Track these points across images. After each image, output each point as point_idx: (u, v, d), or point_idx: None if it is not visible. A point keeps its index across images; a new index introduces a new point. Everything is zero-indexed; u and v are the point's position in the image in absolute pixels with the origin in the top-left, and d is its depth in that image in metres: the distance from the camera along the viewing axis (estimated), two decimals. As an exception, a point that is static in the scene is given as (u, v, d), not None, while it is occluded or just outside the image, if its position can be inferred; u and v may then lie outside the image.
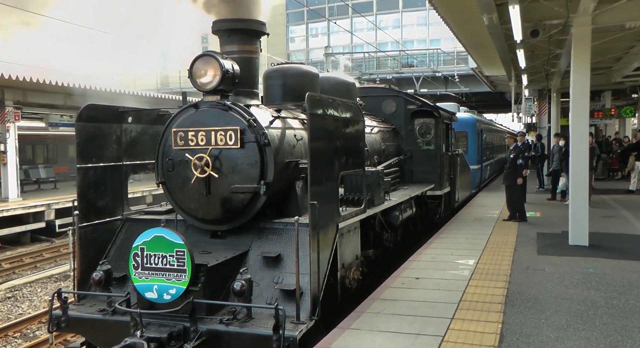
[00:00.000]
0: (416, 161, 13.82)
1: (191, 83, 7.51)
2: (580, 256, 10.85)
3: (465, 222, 15.10)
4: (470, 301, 7.91)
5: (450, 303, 7.79)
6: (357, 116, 8.24)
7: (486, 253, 11.06)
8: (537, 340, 6.50)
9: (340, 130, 7.54)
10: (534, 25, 14.87)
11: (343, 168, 7.61)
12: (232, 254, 7.18)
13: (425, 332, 6.70)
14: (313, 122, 6.68)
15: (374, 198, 8.96)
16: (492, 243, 12.13)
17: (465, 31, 19.81)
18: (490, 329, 6.81)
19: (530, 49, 18.95)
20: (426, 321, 7.08)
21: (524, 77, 25.09)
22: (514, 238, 12.68)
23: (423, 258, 10.60)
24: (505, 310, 7.54)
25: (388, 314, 7.35)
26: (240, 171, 7.39)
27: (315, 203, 6.55)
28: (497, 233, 13.31)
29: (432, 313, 7.39)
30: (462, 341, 6.43)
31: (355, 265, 8.18)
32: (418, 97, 14.40)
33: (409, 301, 7.89)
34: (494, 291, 8.38)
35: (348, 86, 10.97)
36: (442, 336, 6.58)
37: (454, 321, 7.09)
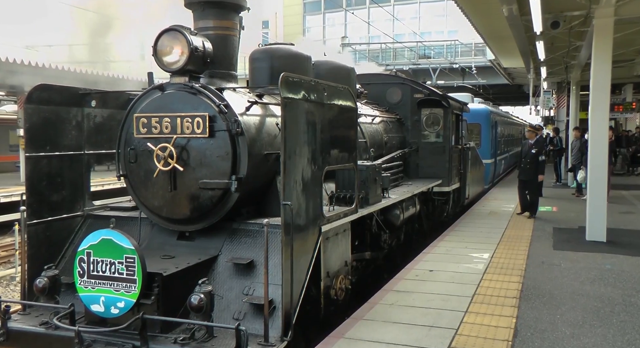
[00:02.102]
0: (422, 154, 12.40)
1: (156, 62, 6.35)
2: (598, 252, 10.49)
3: (480, 216, 14.65)
4: (484, 295, 7.68)
5: (464, 297, 7.55)
6: (348, 102, 6.99)
7: (501, 247, 10.75)
8: (552, 336, 6.28)
9: (326, 118, 6.30)
10: (555, 16, 14.42)
11: (329, 162, 6.40)
12: (198, 260, 6.02)
13: (439, 325, 6.51)
14: (288, 109, 5.45)
15: (369, 196, 7.73)
16: (507, 237, 11.78)
17: (484, 22, 19.11)
18: (504, 323, 6.59)
19: (550, 40, 18.27)
20: (440, 313, 6.88)
21: (542, 69, 24.01)
22: (530, 233, 12.29)
23: (437, 250, 10.32)
24: (520, 304, 7.30)
25: (401, 306, 7.14)
26: (209, 164, 6.20)
27: (289, 203, 5.37)
28: (513, 227, 12.94)
29: (446, 306, 7.18)
30: (475, 334, 6.23)
31: (344, 273, 6.96)
32: (426, 85, 13.01)
33: (422, 293, 7.67)
34: (508, 285, 8.13)
35: (347, 71, 9.69)
36: (456, 329, 6.38)
37: (467, 314, 6.88)
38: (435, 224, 12.76)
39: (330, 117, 6.43)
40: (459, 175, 13.63)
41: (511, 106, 56.00)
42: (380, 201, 8.23)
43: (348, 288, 7.03)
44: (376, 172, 7.89)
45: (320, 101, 6.17)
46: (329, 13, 55.76)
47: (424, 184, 11.16)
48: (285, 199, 5.37)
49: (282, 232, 5.34)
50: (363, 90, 10.60)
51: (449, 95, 13.28)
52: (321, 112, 6.19)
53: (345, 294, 6.94)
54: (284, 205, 5.34)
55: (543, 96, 29.67)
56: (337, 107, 6.65)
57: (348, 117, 7.00)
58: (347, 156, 6.95)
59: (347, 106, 6.97)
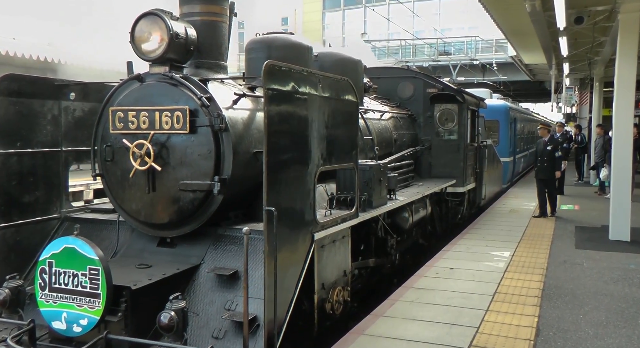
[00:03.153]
0: (435, 152, 11.46)
1: (133, 50, 5.61)
2: (621, 252, 10.17)
3: (501, 214, 14.27)
4: (505, 293, 7.47)
5: (485, 295, 7.36)
6: (348, 95, 6.19)
7: (522, 245, 10.48)
8: (575, 336, 6.09)
9: (321, 112, 5.51)
10: (579, 11, 13.92)
11: (324, 162, 5.62)
12: (176, 270, 5.28)
13: (460, 323, 6.33)
14: (272, 101, 4.68)
15: (373, 198, 6.92)
16: (528, 235, 11.48)
17: (506, 18, 18.30)
18: (526, 322, 6.41)
19: (573, 36, 17.73)
20: (461, 311, 6.70)
21: (565, 65, 23.26)
22: (551, 231, 11.98)
23: (457, 248, 10.05)
24: (542, 303, 7.10)
25: (422, 303, 6.98)
26: (190, 164, 5.43)
27: (272, 209, 4.60)
28: (534, 226, 12.60)
29: (467, 304, 6.99)
30: (497, 333, 6.06)
31: (342, 284, 6.18)
32: (440, 79, 12.10)
33: (443, 291, 7.48)
34: (530, 284, 7.91)
35: (354, 64, 8.87)
36: (477, 327, 6.20)
37: (488, 313, 6.70)
38: (449, 226, 11.89)
39: (326, 112, 5.63)
40: (475, 175, 12.68)
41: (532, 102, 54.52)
42: (386, 204, 7.41)
43: (347, 300, 6.24)
44: (381, 172, 7.08)
45: (313, 94, 5.38)
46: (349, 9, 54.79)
47: (436, 185, 10.28)
48: (269, 204, 4.59)
49: (265, 242, 4.59)
50: (372, 84, 9.79)
51: (464, 90, 12.35)
52: (315, 106, 5.40)
53: (344, 307, 6.15)
54: (266, 211, 4.58)
55: (565, 92, 28.63)
56: (334, 100, 5.85)
57: (348, 111, 6.20)
58: (346, 154, 6.15)
59: (347, 99, 6.16)
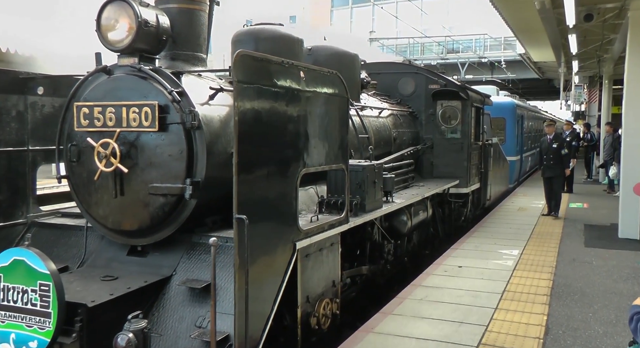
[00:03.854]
0: (438, 151, 10.74)
1: (99, 40, 5.01)
2: (631, 250, 9.95)
3: (509, 212, 13.96)
4: (514, 291, 7.31)
5: (494, 293, 7.20)
6: (337, 90, 5.54)
7: (531, 243, 10.26)
8: (585, 334, 5.95)
9: (304, 109, 4.89)
10: (588, 9, 13.79)
11: (307, 163, 4.99)
12: (144, 282, 4.68)
13: (469, 321, 6.19)
14: (244, 96, 4.07)
15: (366, 202, 6.28)
16: (537, 233, 11.24)
17: (515, 15, 17.79)
18: (535, 321, 6.27)
19: (582, 34, 17.46)
20: (470, 310, 6.56)
21: (574, 63, 22.75)
22: (560, 229, 11.72)
23: (466, 246, 9.84)
24: (551, 302, 6.96)
25: (431, 301, 6.82)
26: (160, 165, 4.81)
27: (244, 217, 3.99)
28: (542, 224, 12.34)
29: (476, 302, 6.85)
30: (506, 331, 5.93)
31: (330, 296, 5.56)
32: (443, 75, 11.37)
33: (451, 289, 7.32)
34: (539, 282, 7.75)
35: (350, 58, 8.22)
36: (486, 325, 6.07)
37: (497, 311, 6.55)
38: (453, 229, 11.19)
39: (311, 108, 5.01)
40: (479, 174, 11.93)
41: (541, 100, 53.53)
42: (381, 207, 6.76)
43: (335, 313, 5.61)
44: (375, 173, 6.43)
45: (296, 88, 4.76)
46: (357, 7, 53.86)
47: (438, 186, 9.60)
48: (240, 211, 3.99)
49: (234, 253, 3.98)
50: (370, 80, 9.15)
51: (468, 86, 11.61)
52: (297, 102, 4.78)
53: (332, 321, 5.52)
54: (236, 219, 3.97)
55: (574, 90, 27.94)
56: (321, 96, 5.21)
57: (336, 108, 5.55)
58: (335, 155, 5.52)
59: (336, 94, 5.51)
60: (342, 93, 5.63)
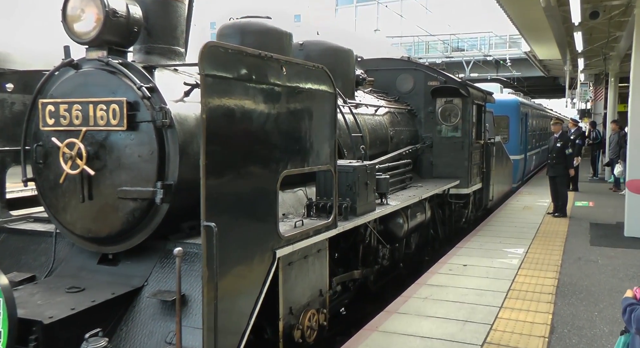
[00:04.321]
0: (438, 150, 10.21)
1: (65, 31, 4.60)
2: (637, 249, 9.73)
3: (514, 210, 13.65)
4: (519, 290, 7.17)
5: (499, 292, 7.07)
6: (323, 85, 5.07)
7: (536, 242, 10.05)
8: (590, 333, 5.83)
9: (285, 106, 4.46)
10: (594, 6, 13.75)
11: (289, 165, 4.56)
12: (110, 295, 4.26)
13: (474, 319, 6.07)
14: (213, 91, 3.64)
15: (358, 204, 5.82)
16: (542, 232, 11.01)
17: (520, 13, 17.65)
18: (540, 319, 6.14)
19: (588, 31, 17.42)
20: (474, 308, 6.43)
21: (580, 61, 22.37)
22: (566, 228, 11.48)
23: (471, 245, 9.64)
24: (556, 301, 6.82)
25: (435, 300, 6.70)
26: (130, 167, 4.38)
27: (213, 224, 3.57)
28: (548, 222, 12.08)
29: (480, 300, 6.72)
30: (511, 330, 5.80)
31: (317, 306, 5.12)
32: (443, 72, 10.83)
33: (456, 287, 7.19)
34: (544, 281, 7.59)
35: (344, 54, 7.75)
36: (491, 324, 5.94)
37: (502, 310, 6.42)
38: (453, 231, 10.71)
39: (293, 105, 4.58)
40: (481, 174, 11.42)
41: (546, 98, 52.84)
42: (374, 210, 6.30)
43: (323, 325, 5.18)
44: (367, 174, 5.97)
45: (275, 83, 4.33)
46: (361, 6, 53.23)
47: (437, 186, 9.11)
48: (208, 217, 3.57)
49: (202, 265, 3.57)
50: (366, 76, 8.70)
51: (469, 83, 11.08)
52: (277, 98, 4.35)
53: (319, 333, 5.10)
54: (204, 227, 3.55)
55: (580, 88, 27.36)
56: (304, 91, 4.77)
57: (323, 105, 5.09)
58: (321, 155, 5.07)
59: (322, 90, 5.05)
60: (330, 89, 5.18)
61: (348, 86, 7.77)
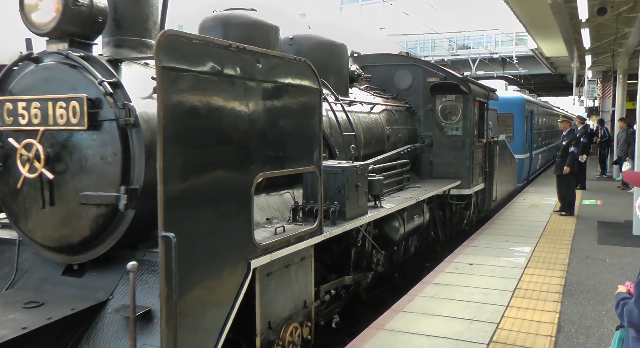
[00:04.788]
0: (438, 150, 9.67)
1: (23, 22, 4.17)
2: None
3: (521, 209, 13.38)
4: (526, 289, 7.03)
5: (505, 291, 6.93)
6: (305, 80, 4.62)
7: (543, 240, 9.84)
8: (598, 333, 5.70)
9: (260, 102, 4.01)
10: (602, 2, 13.59)
11: (268, 167, 4.12)
12: (70, 311, 3.83)
13: (480, 318, 5.96)
14: (174, 86, 3.21)
15: (347, 208, 5.35)
16: (549, 230, 10.78)
17: (526, 10, 17.62)
18: (547, 318, 6.02)
19: (596, 28, 17.18)
20: (480, 307, 6.31)
21: (587, 58, 22.03)
22: (573, 227, 11.22)
23: (477, 244, 9.45)
24: (563, 299, 6.69)
25: (441, 298, 6.58)
26: (92, 170, 3.95)
27: (171, 235, 3.14)
28: (555, 221, 11.82)
29: (487, 299, 6.60)
30: (517, 329, 5.69)
31: (301, 318, 4.69)
32: (442, 67, 10.28)
33: (462, 286, 7.05)
34: (550, 280, 7.43)
35: (337, 49, 7.26)
36: (497, 323, 5.83)
37: (509, 308, 6.29)
38: (454, 233, 10.21)
39: (269, 102, 4.13)
40: (484, 174, 10.88)
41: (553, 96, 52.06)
42: (366, 214, 5.83)
43: (307, 339, 4.75)
44: (358, 175, 5.51)
45: (248, 77, 3.90)
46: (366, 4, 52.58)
47: (436, 187, 8.60)
48: (167, 227, 3.14)
49: (160, 281, 3.14)
50: (361, 72, 8.22)
51: (470, 79, 10.54)
52: (251, 95, 3.91)
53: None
54: (162, 238, 3.12)
55: (587, 85, 26.95)
56: (284, 87, 4.34)
57: (306, 102, 4.64)
58: (304, 155, 4.63)
59: (304, 85, 4.61)
60: (314, 84, 4.73)
61: (341, 82, 7.31)
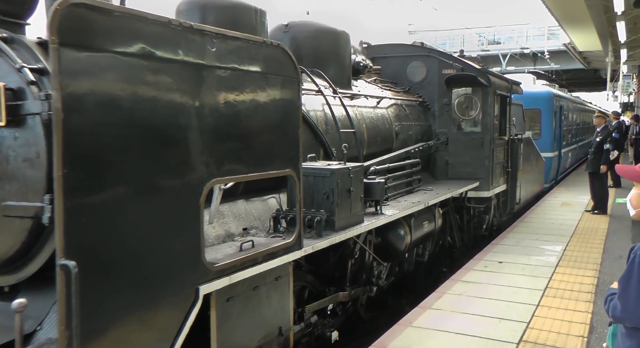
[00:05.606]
0: (454, 148, 8.60)
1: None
2: None
3: (552, 207, 12.77)
4: (557, 288, 6.78)
5: (536, 290, 6.69)
6: (276, 68, 3.80)
7: (574, 239, 9.41)
8: None
9: (211, 93, 3.22)
10: None
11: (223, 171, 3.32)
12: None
13: (509, 317, 5.76)
14: (73, 71, 2.47)
15: (337, 217, 4.53)
16: (581, 229, 10.32)
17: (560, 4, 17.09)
18: (579, 319, 5.78)
19: (632, 20, 16.61)
20: (510, 306, 6.11)
21: (622, 52, 21.47)
22: (606, 225, 10.71)
23: (506, 242, 9.04)
24: (596, 300, 6.38)
25: (470, 296, 6.38)
26: (14, 175, 3.19)
27: (71, 264, 2.38)
28: (587, 219, 11.30)
29: (516, 298, 6.38)
30: (548, 328, 5.45)
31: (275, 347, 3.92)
32: (459, 58, 9.21)
33: (491, 285, 6.84)
34: (582, 279, 7.16)
35: (337, 37, 6.37)
36: (527, 322, 5.60)
37: (539, 308, 6.06)
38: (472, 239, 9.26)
39: (227, 93, 3.34)
40: (506, 174, 9.85)
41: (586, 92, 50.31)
42: (362, 222, 4.98)
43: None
44: (351, 179, 4.67)
45: (196, 63, 3.10)
46: (395, 0, 51.62)
47: (451, 189, 7.68)
48: (68, 252, 2.38)
49: (58, 321, 2.39)
50: (369, 64, 7.33)
51: (490, 70, 9.51)
52: (199, 83, 3.12)
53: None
54: (60, 267, 2.37)
55: (622, 80, 25.88)
56: (248, 75, 3.53)
57: (278, 93, 3.82)
58: (276, 157, 3.82)
59: (277, 74, 3.80)
60: (291, 72, 3.91)
61: (342, 73, 6.45)
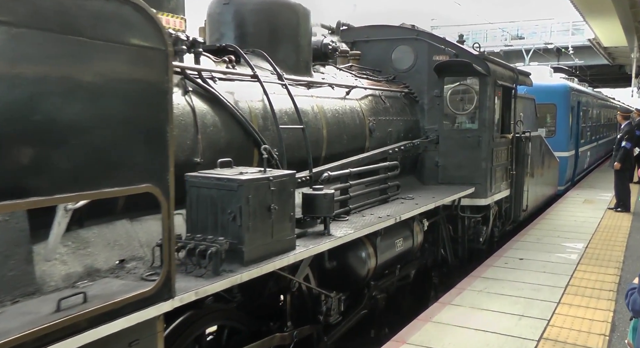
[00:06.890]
0: (446, 148, 7.13)
1: None
2: None
3: (574, 204, 12.46)
4: (578, 286, 6.51)
5: (557, 287, 6.42)
6: (117, 33, 2.41)
7: (596, 237, 9.22)
8: None
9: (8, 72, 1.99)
10: None
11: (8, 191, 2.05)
12: None
13: (530, 314, 5.52)
14: None
15: (246, 246, 3.17)
16: (603, 227, 10.10)
17: None
18: (600, 317, 5.53)
19: None
20: (530, 303, 5.86)
21: None
22: (629, 223, 10.44)
23: (527, 239, 8.91)
24: (618, 298, 6.08)
25: (490, 293, 6.14)
26: None
27: None
28: (610, 217, 11.03)
29: (537, 295, 6.12)
30: (569, 326, 5.28)
31: None
32: (452, 42, 7.59)
33: (512, 281, 6.58)
34: (604, 277, 6.91)
35: (292, 12, 4.96)
36: (548, 320, 5.40)
37: (560, 305, 5.83)
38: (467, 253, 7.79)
39: (24, 71, 2.08)
40: (509, 178, 8.32)
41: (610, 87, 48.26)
42: (292, 250, 3.60)
43: None
44: (272, 192, 3.33)
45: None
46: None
47: (438, 198, 6.21)
48: None
49: None
50: (340, 47, 5.93)
51: (490, 57, 7.86)
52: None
53: None
54: None
55: (648, 76, 24.67)
56: (67, 45, 2.22)
57: (126, 71, 2.48)
58: (124, 166, 2.48)
59: (124, 44, 2.44)
60: (149, 41, 2.55)
61: (298, 57, 5.05)
